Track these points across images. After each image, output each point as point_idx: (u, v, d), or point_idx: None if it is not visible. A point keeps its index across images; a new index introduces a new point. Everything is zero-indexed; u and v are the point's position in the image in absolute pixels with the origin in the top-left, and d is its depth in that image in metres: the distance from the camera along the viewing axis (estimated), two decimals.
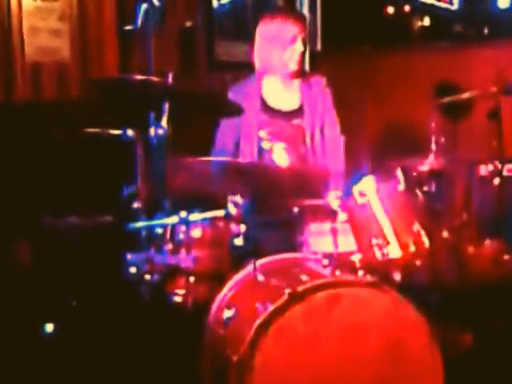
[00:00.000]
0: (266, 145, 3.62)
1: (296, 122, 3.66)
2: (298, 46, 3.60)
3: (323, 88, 3.71)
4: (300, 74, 3.71)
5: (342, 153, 3.72)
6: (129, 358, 2.98)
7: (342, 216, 2.96)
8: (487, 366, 3.27)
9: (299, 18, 3.74)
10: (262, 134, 3.62)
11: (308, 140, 3.64)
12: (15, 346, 3.35)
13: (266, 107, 3.66)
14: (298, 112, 3.67)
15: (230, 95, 3.60)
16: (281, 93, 3.70)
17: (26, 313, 3.47)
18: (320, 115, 3.67)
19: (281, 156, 3.61)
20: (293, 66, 3.63)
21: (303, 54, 3.66)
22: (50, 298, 3.54)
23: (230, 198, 2.87)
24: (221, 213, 2.88)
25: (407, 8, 5.79)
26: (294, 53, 3.60)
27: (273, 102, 3.68)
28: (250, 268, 2.94)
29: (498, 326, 3.51)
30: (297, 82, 3.71)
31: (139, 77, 2.95)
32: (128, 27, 4.42)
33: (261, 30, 3.67)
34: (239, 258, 2.95)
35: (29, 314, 3.48)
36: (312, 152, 3.64)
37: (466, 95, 3.87)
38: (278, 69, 3.64)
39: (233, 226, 2.92)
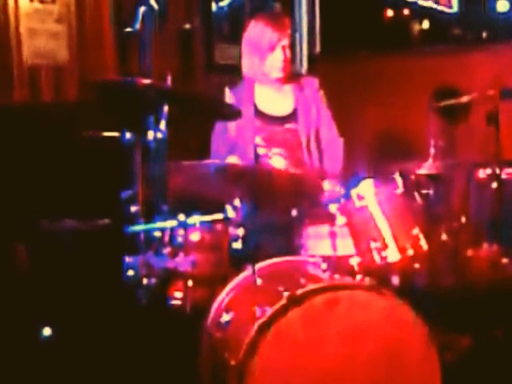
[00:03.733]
0: (261, 151, 3.61)
1: (290, 126, 3.64)
2: (278, 54, 3.53)
3: (316, 90, 3.69)
4: (290, 79, 3.68)
5: (341, 154, 3.71)
6: (127, 361, 2.97)
7: (341, 219, 2.96)
8: (485, 370, 3.27)
9: (281, 23, 3.61)
10: (257, 140, 3.61)
11: (304, 144, 3.63)
12: (13, 350, 3.34)
13: (259, 113, 3.64)
14: (292, 116, 3.65)
15: (226, 99, 3.59)
16: (273, 98, 3.68)
17: (24, 316, 3.47)
18: (315, 118, 3.66)
19: (277, 161, 3.61)
20: (275, 75, 3.58)
21: (291, 60, 3.59)
22: (48, 301, 3.54)
23: (228, 201, 2.87)
24: (219, 216, 2.88)
25: (406, 11, 5.80)
26: (274, 61, 3.55)
27: (266, 108, 3.66)
28: (248, 271, 2.94)
29: (496, 329, 3.51)
30: (289, 86, 3.68)
31: (138, 79, 2.95)
32: (126, 30, 4.42)
33: (244, 36, 3.64)
34: (238, 261, 2.95)
35: (26, 317, 3.47)
36: (308, 155, 3.63)
37: (464, 99, 3.86)
38: (262, 77, 3.62)
39: (231, 230, 2.92)
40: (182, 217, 2.83)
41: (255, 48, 3.55)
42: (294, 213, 3.11)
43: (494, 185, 3.69)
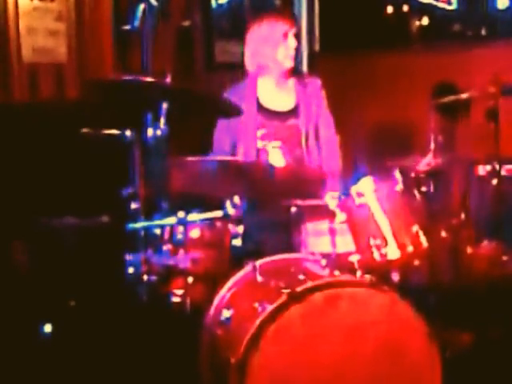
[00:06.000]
0: (261, 145, 3.62)
1: (291, 122, 3.65)
2: (291, 42, 3.61)
3: (318, 89, 3.71)
4: (294, 72, 3.71)
5: (338, 153, 3.72)
6: (127, 358, 2.97)
7: (341, 216, 2.96)
8: (485, 366, 3.27)
9: (288, 15, 3.77)
10: (258, 134, 3.62)
11: (303, 140, 3.64)
12: (13, 347, 3.34)
13: (261, 108, 3.66)
14: (294, 112, 3.66)
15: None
16: (276, 93, 3.69)
17: (24, 313, 3.47)
18: (315, 116, 3.67)
19: (276, 157, 3.61)
20: (288, 63, 3.63)
21: (296, 50, 3.66)
22: (48, 298, 3.54)
23: (228, 198, 2.87)
24: (219, 213, 2.88)
25: (406, 8, 5.80)
26: (287, 49, 3.60)
27: (268, 103, 3.68)
28: (248, 268, 2.94)
29: (496, 325, 3.51)
30: (291, 82, 3.71)
31: (137, 77, 2.95)
32: (125, 27, 4.42)
33: (251, 33, 3.67)
34: (238, 258, 2.95)
35: (27, 314, 3.47)
36: (307, 152, 3.64)
37: (464, 95, 3.86)
38: (274, 69, 3.64)
39: (231, 227, 2.92)
40: (181, 214, 2.84)
41: (267, 40, 3.60)
42: (294, 210, 3.11)
43: (494, 181, 3.69)
